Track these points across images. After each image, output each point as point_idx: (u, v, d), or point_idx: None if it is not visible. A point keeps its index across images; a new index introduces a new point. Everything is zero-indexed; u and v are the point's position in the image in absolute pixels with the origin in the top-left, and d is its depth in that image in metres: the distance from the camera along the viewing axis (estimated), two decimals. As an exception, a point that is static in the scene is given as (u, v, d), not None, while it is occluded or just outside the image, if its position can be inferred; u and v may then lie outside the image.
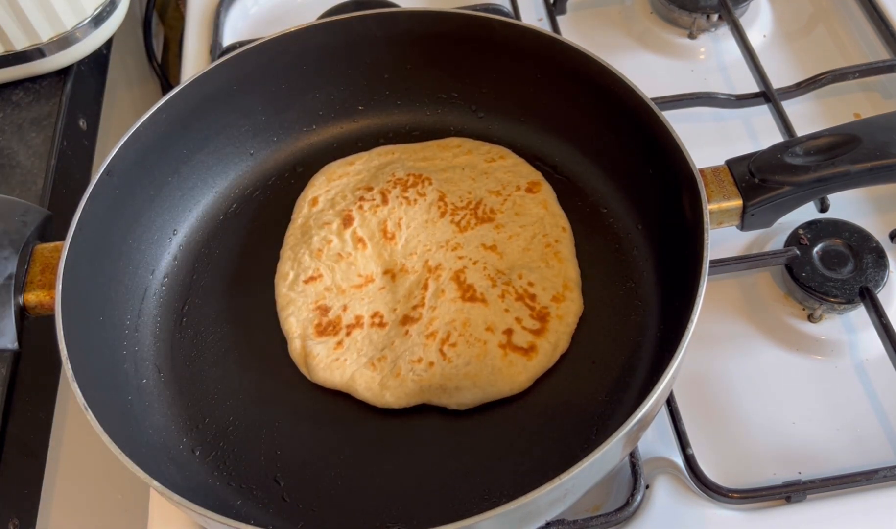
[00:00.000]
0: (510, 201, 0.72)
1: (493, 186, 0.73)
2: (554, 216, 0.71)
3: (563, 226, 0.70)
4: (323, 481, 0.61)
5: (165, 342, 0.68)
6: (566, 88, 0.73)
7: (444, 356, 0.63)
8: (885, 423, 0.64)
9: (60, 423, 0.72)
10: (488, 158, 0.75)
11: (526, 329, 0.64)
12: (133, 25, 1.08)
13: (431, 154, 0.76)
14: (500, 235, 0.70)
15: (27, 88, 0.84)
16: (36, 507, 0.68)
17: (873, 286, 0.68)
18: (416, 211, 0.72)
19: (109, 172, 0.65)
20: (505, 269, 0.68)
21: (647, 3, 0.94)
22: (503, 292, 0.66)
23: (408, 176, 0.74)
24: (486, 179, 0.74)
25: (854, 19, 0.92)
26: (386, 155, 0.77)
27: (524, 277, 0.67)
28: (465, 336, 0.64)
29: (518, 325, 0.65)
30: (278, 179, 0.78)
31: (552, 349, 0.64)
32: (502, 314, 0.65)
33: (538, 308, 0.65)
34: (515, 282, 0.67)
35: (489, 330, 0.64)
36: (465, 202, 0.72)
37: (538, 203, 0.72)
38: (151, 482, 0.51)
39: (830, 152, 0.62)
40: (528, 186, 0.73)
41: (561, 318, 0.65)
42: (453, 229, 0.71)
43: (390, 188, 0.73)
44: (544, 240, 0.69)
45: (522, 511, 0.48)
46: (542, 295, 0.66)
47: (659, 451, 0.64)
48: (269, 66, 0.75)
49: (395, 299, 0.67)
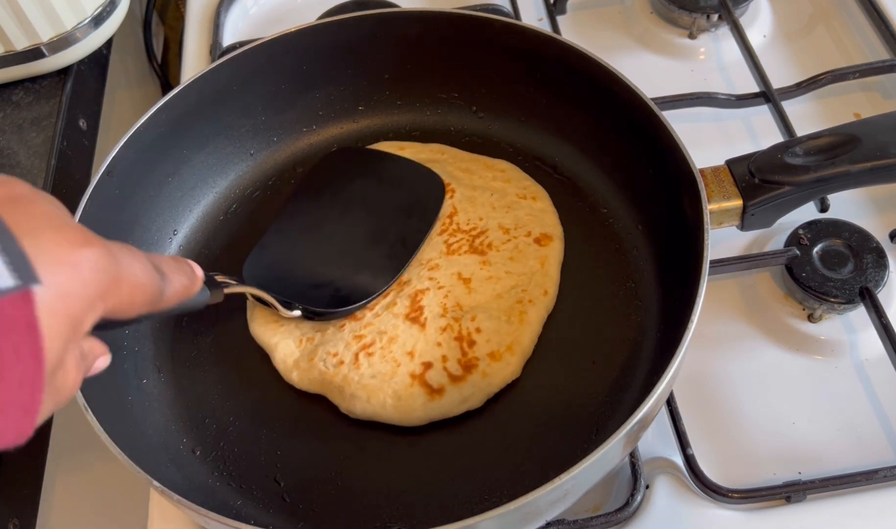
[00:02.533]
0: (513, 243, 0.69)
1: (507, 221, 0.70)
2: (545, 277, 0.67)
3: (546, 289, 0.66)
4: (323, 481, 0.61)
5: (165, 342, 0.68)
6: (566, 88, 0.73)
7: (356, 360, 0.63)
8: (885, 423, 0.64)
9: (60, 423, 0.72)
10: (521, 193, 0.72)
11: (446, 370, 0.62)
12: (133, 25, 1.08)
13: (475, 168, 0.75)
14: (482, 272, 0.67)
15: (27, 88, 0.84)
16: (36, 507, 0.67)
17: (873, 286, 0.68)
18: None
19: (109, 172, 0.65)
20: (465, 306, 0.65)
21: (647, 3, 0.94)
22: (447, 326, 0.64)
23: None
24: (505, 213, 0.71)
25: (854, 19, 0.92)
26: (436, 153, 0.77)
27: (477, 320, 0.64)
28: (385, 351, 0.63)
29: (441, 363, 0.62)
30: (278, 179, 0.78)
31: (460, 402, 0.61)
32: (433, 347, 0.63)
33: (469, 356, 0.63)
34: (466, 322, 0.64)
35: (409, 355, 0.63)
36: (469, 227, 0.70)
37: (538, 258, 0.68)
38: (151, 482, 0.51)
39: (830, 152, 0.62)
40: (538, 237, 0.69)
41: (485, 375, 0.62)
42: (441, 250, 0.69)
43: None
44: (521, 295, 0.66)
45: (522, 511, 0.48)
46: (482, 345, 0.63)
47: (659, 451, 0.64)
48: (269, 66, 0.75)
49: None
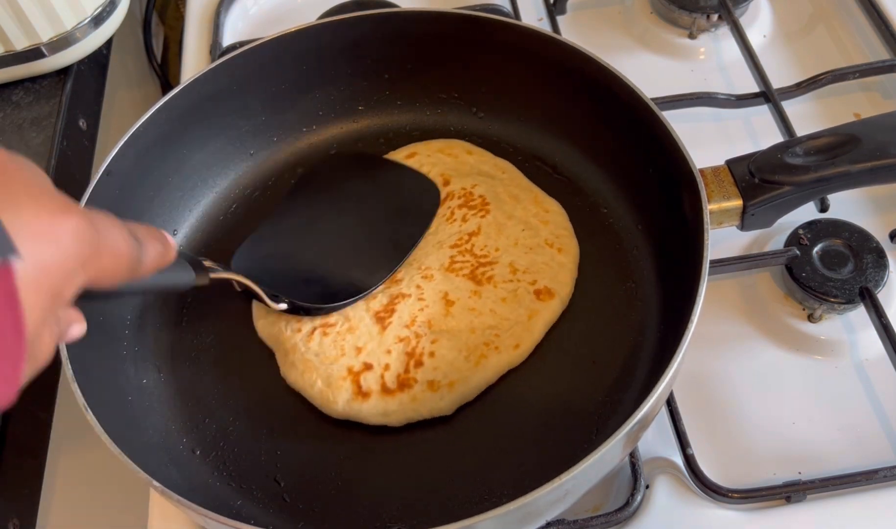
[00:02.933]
0: (514, 285, 0.67)
1: (521, 262, 0.68)
2: (525, 331, 0.64)
3: (520, 344, 0.64)
4: (323, 481, 0.61)
5: (165, 342, 0.68)
6: (566, 88, 0.73)
7: (311, 333, 0.65)
8: (885, 423, 0.64)
9: (60, 423, 0.72)
10: (551, 240, 0.69)
11: (382, 379, 0.62)
12: (133, 25, 1.08)
13: (523, 197, 0.72)
14: (469, 301, 0.66)
15: (27, 88, 0.84)
16: (36, 507, 0.67)
17: (873, 286, 0.68)
18: (449, 228, 0.71)
19: (109, 172, 0.65)
20: (435, 327, 0.65)
21: (647, 3, 0.94)
22: (406, 338, 0.64)
23: (480, 197, 0.72)
24: (524, 253, 0.68)
25: (854, 19, 0.92)
26: (497, 170, 0.75)
27: (437, 344, 0.63)
28: (339, 337, 0.65)
29: (381, 370, 0.63)
30: (278, 179, 0.78)
31: (379, 414, 0.62)
32: (381, 351, 0.64)
33: (410, 376, 0.62)
34: (425, 342, 0.64)
35: (357, 350, 0.64)
36: (482, 253, 0.69)
37: (529, 310, 0.65)
38: (151, 482, 0.51)
39: (830, 152, 0.62)
40: (541, 289, 0.66)
41: (414, 400, 0.62)
42: (443, 263, 0.68)
43: (460, 193, 0.73)
44: (492, 338, 0.64)
45: (522, 511, 0.48)
46: (427, 371, 0.62)
47: (659, 451, 0.64)
48: (269, 66, 0.75)
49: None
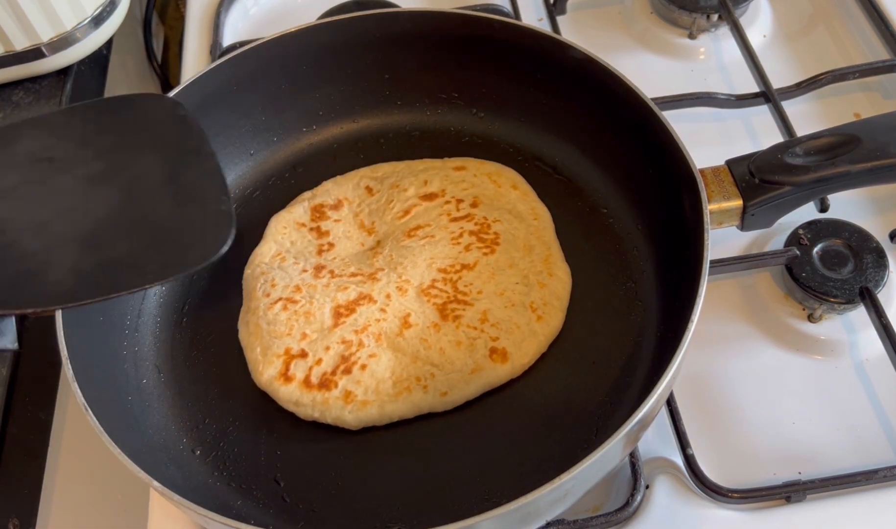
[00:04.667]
0: (474, 334, 0.64)
1: (496, 315, 0.65)
2: (462, 383, 0.62)
3: (444, 392, 0.62)
4: (323, 481, 0.61)
5: (165, 342, 0.68)
6: (566, 88, 0.73)
7: (275, 304, 0.67)
8: (885, 423, 0.64)
9: (60, 423, 0.72)
10: (537, 304, 0.66)
11: (309, 371, 0.63)
12: (133, 25, 1.08)
13: (539, 252, 0.69)
14: (425, 331, 0.64)
15: (27, 88, 0.84)
16: (36, 507, 0.68)
17: (873, 286, 0.68)
18: (449, 249, 0.69)
19: (109, 172, 0.65)
20: (383, 342, 0.64)
21: (647, 3, 0.94)
22: (349, 341, 0.64)
23: (494, 234, 0.70)
24: (503, 306, 0.65)
25: (854, 19, 0.92)
26: (531, 216, 0.72)
27: (375, 359, 0.63)
28: (295, 315, 0.66)
29: (312, 362, 0.63)
30: (278, 179, 0.78)
31: (292, 403, 0.63)
32: (321, 346, 0.64)
33: (335, 379, 0.63)
34: (365, 353, 0.64)
35: (302, 336, 0.65)
36: (463, 289, 0.67)
37: (474, 366, 0.63)
38: (151, 482, 0.51)
39: (830, 152, 0.62)
40: (498, 349, 0.64)
41: (326, 404, 0.62)
42: (422, 283, 0.67)
43: (480, 220, 0.71)
44: (427, 375, 0.63)
45: (522, 511, 0.48)
46: (353, 382, 0.62)
47: (659, 451, 0.64)
48: (269, 66, 0.75)
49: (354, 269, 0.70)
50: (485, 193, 0.73)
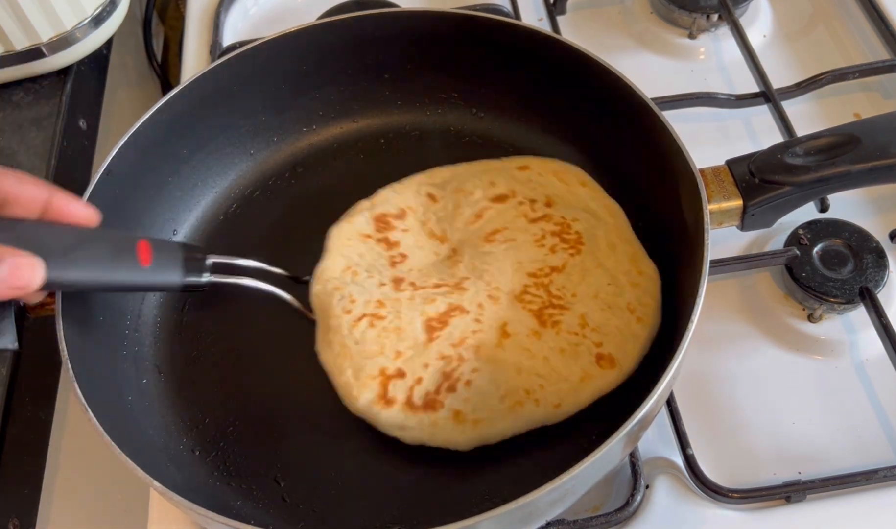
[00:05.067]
0: (576, 340, 0.62)
1: (595, 318, 0.63)
2: (571, 394, 0.60)
3: (557, 404, 0.60)
4: (323, 481, 0.61)
5: (165, 342, 0.68)
6: (566, 89, 0.72)
7: (359, 320, 0.63)
8: (885, 423, 0.64)
9: (60, 423, 0.72)
10: (633, 305, 0.63)
11: (410, 390, 0.60)
12: (133, 25, 1.08)
13: (621, 250, 0.67)
14: (525, 340, 0.62)
15: (27, 88, 0.84)
16: (36, 507, 0.68)
17: (873, 286, 0.68)
18: (535, 252, 0.66)
19: (109, 172, 0.65)
20: (482, 355, 0.61)
21: (647, 3, 0.94)
22: (448, 356, 0.61)
23: (576, 234, 0.67)
24: (601, 309, 0.63)
25: (854, 19, 0.92)
26: (603, 212, 0.69)
27: (478, 374, 0.60)
28: (384, 333, 0.62)
29: (413, 382, 0.61)
30: (278, 179, 0.78)
31: (395, 427, 0.60)
32: (419, 364, 0.61)
33: (440, 398, 0.60)
34: (467, 368, 0.60)
35: (396, 354, 0.62)
36: (557, 292, 0.64)
37: (581, 372, 0.61)
38: (151, 482, 0.51)
39: (830, 152, 0.62)
40: (605, 355, 0.62)
41: (434, 425, 0.59)
42: (514, 289, 0.64)
43: (559, 220, 0.68)
44: (536, 387, 0.60)
45: (522, 511, 0.48)
46: (458, 399, 0.60)
47: (659, 451, 0.64)
48: (269, 66, 0.75)
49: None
50: (556, 192, 0.71)
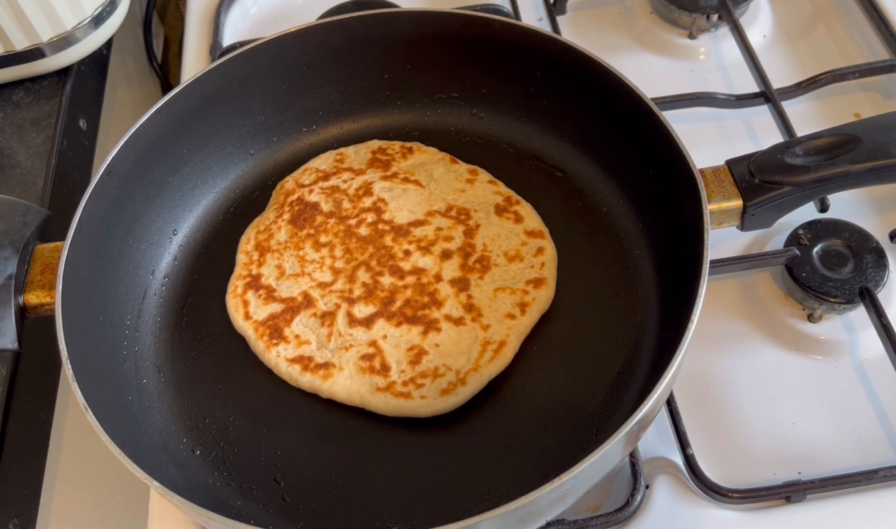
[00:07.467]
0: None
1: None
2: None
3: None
4: (323, 481, 0.61)
5: (165, 342, 0.68)
6: (566, 88, 0.73)
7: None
8: (885, 423, 0.64)
9: (60, 423, 0.72)
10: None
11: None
12: (133, 25, 1.09)
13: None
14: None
15: (27, 88, 0.84)
16: (36, 507, 0.68)
17: (873, 286, 0.68)
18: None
19: (109, 172, 0.65)
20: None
21: (647, 3, 0.94)
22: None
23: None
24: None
25: (854, 19, 0.92)
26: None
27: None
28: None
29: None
30: (278, 179, 0.78)
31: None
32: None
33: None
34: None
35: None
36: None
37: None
38: (151, 482, 0.51)
39: (830, 152, 0.62)
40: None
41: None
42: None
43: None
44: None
45: (522, 511, 0.48)
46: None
47: (659, 451, 0.64)
48: (269, 66, 0.75)
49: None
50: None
